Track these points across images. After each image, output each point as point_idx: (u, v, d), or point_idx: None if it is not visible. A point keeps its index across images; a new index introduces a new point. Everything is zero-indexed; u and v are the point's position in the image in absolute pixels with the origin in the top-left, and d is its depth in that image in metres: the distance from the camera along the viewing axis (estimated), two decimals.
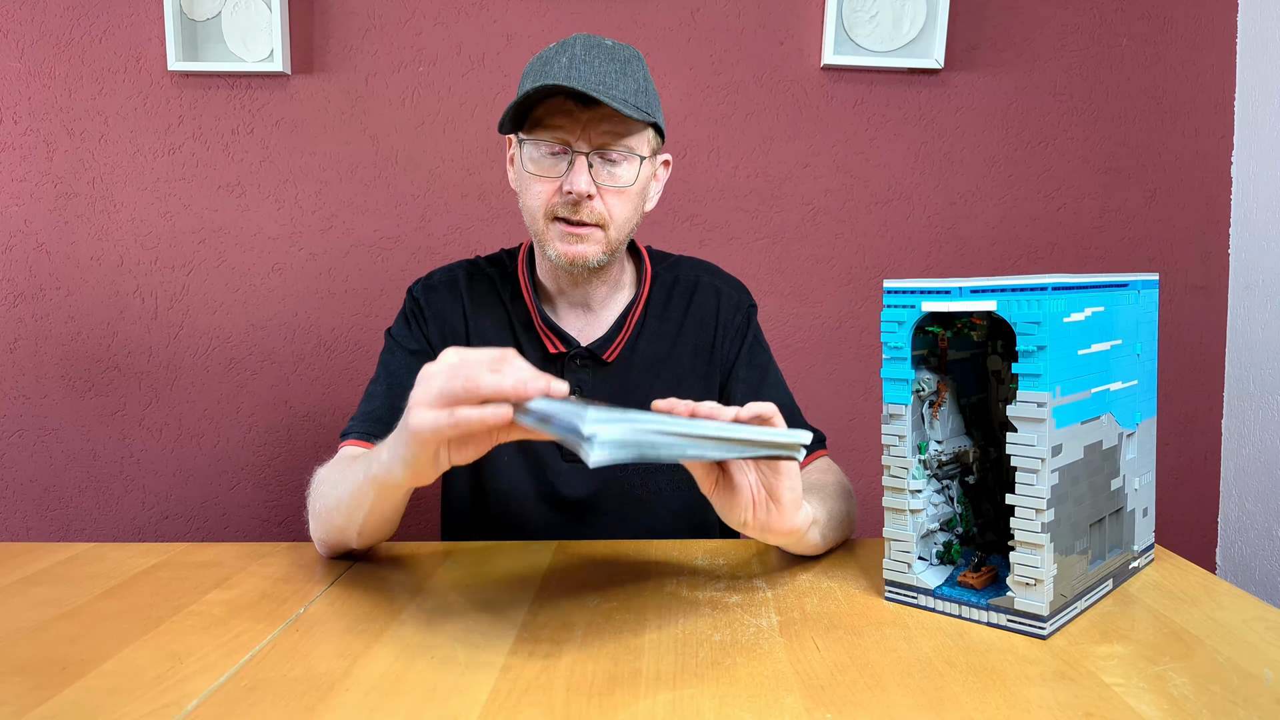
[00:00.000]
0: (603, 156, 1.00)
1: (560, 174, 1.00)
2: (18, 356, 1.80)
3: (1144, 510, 0.90)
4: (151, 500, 1.83)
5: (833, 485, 1.00)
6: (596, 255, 1.02)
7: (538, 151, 1.00)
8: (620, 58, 1.00)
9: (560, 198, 1.00)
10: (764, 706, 0.62)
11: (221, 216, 1.79)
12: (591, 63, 0.98)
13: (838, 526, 0.95)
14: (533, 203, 1.02)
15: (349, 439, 1.03)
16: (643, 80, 1.02)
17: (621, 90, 0.98)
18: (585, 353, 1.08)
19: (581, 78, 0.96)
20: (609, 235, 1.02)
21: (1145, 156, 1.85)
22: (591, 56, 0.98)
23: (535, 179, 1.01)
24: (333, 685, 0.66)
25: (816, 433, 1.11)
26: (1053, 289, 0.72)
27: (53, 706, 0.64)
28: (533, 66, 1.01)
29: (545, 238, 1.03)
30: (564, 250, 1.01)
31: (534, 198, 1.02)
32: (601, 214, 1.01)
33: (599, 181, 1.00)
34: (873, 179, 1.83)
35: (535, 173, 1.01)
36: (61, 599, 0.85)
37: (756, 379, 1.13)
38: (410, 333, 1.11)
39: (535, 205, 1.02)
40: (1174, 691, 0.64)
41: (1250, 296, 1.82)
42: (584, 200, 0.99)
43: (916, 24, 1.76)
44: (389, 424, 1.00)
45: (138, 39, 1.75)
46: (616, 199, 1.01)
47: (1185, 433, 1.89)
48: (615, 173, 1.01)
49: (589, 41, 1.00)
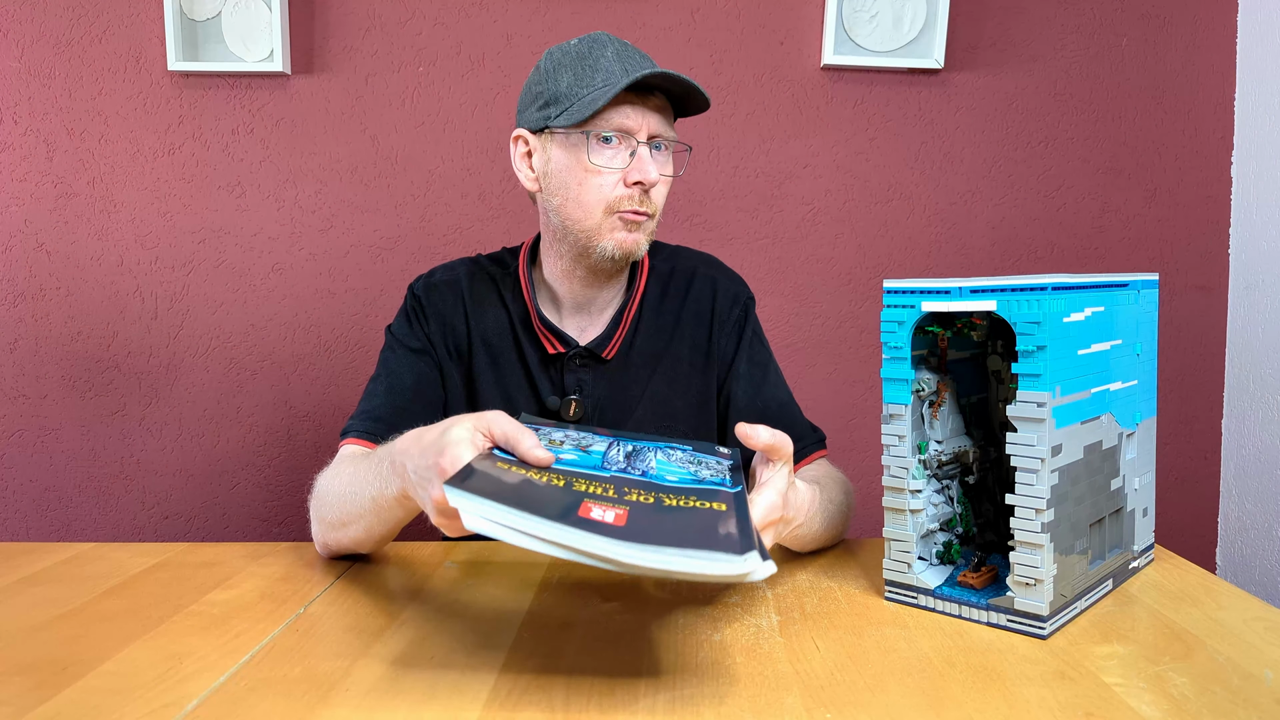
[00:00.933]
0: (657, 148, 1.01)
1: (622, 165, 0.99)
2: (18, 356, 1.80)
3: (1144, 510, 0.90)
4: (151, 500, 1.83)
5: (829, 477, 1.00)
6: (644, 244, 1.03)
7: (601, 145, 0.99)
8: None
9: (624, 189, 0.99)
10: (764, 706, 0.62)
11: (221, 216, 1.79)
12: (634, 56, 1.00)
13: (836, 514, 0.95)
14: (591, 197, 1.00)
15: (349, 437, 1.03)
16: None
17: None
18: (584, 352, 1.08)
19: (639, 67, 0.98)
20: (652, 225, 1.04)
21: (1145, 156, 1.85)
22: (630, 50, 1.00)
23: (596, 172, 0.99)
24: (333, 685, 0.66)
25: (816, 432, 1.11)
26: (1053, 289, 0.72)
27: (53, 706, 0.64)
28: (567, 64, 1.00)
29: (600, 232, 1.01)
30: (622, 240, 1.01)
31: (593, 191, 1.00)
32: (656, 203, 1.03)
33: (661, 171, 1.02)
34: (873, 179, 1.83)
35: (600, 165, 0.99)
36: (61, 599, 0.85)
37: (758, 377, 1.12)
38: (411, 330, 1.11)
39: (594, 200, 1.00)
40: (1174, 691, 0.64)
41: (1250, 296, 1.82)
42: (652, 188, 1.01)
43: (916, 24, 1.76)
44: (389, 423, 1.02)
45: (138, 39, 1.75)
46: (663, 188, 1.03)
47: (1185, 433, 1.89)
48: (668, 162, 1.03)
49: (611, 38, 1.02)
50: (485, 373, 1.10)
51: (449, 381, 1.10)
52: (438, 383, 1.09)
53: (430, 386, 1.08)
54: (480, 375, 1.10)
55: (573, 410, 1.07)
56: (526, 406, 1.09)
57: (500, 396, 1.09)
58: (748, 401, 1.10)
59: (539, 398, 1.09)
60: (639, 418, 1.09)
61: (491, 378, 1.10)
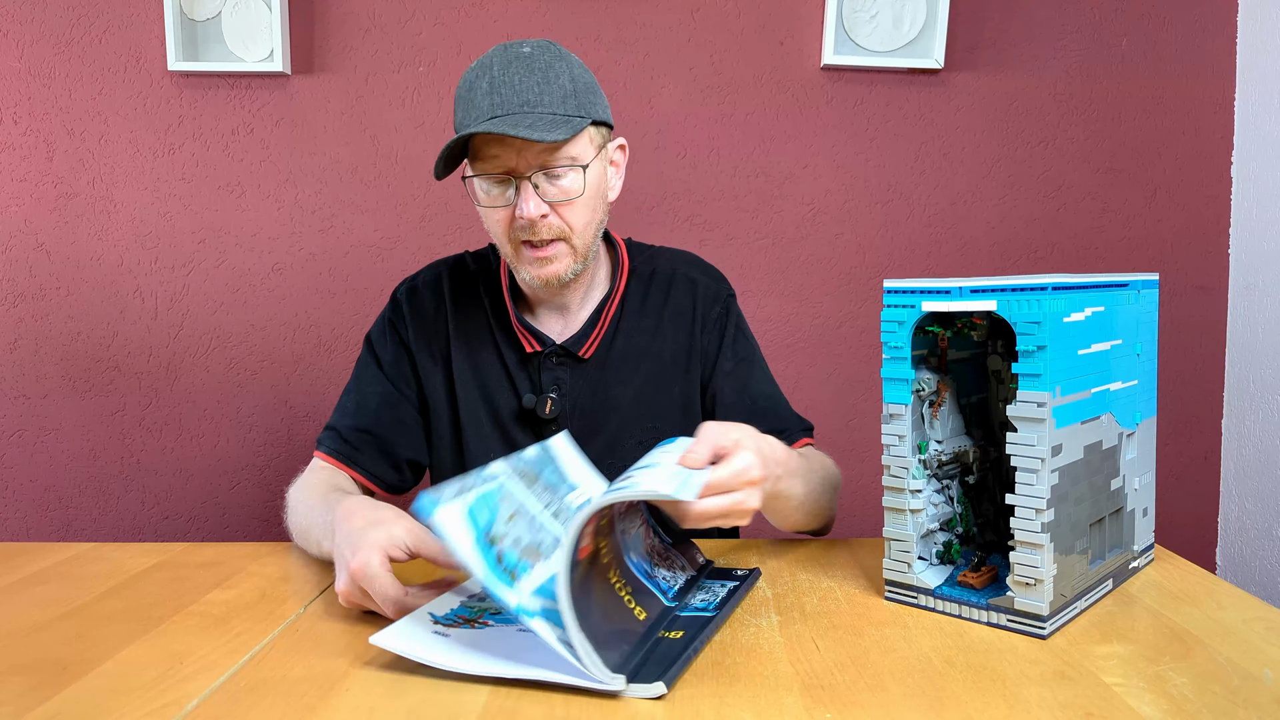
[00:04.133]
0: (547, 174, 0.98)
1: (510, 200, 0.99)
2: (18, 356, 1.80)
3: (1144, 510, 0.90)
4: (151, 500, 1.83)
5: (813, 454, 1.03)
6: (568, 268, 1.03)
7: (485, 183, 0.99)
8: (541, 65, 0.97)
9: (516, 223, 0.99)
10: (764, 706, 0.62)
11: (221, 216, 1.79)
12: (511, 81, 0.95)
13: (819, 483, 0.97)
14: (496, 230, 1.02)
15: (320, 451, 1.08)
16: (569, 81, 0.98)
17: (548, 102, 0.96)
18: (561, 350, 1.09)
19: (505, 104, 0.95)
20: (575, 245, 1.02)
21: (1145, 156, 1.85)
22: (510, 74, 0.96)
23: (491, 210, 1.01)
24: (333, 685, 0.66)
25: (803, 421, 1.12)
26: (1053, 289, 0.72)
27: (53, 706, 0.64)
28: (460, 95, 0.99)
29: (516, 262, 1.03)
30: (536, 273, 1.02)
31: (495, 226, 1.02)
32: (560, 228, 1.00)
33: (549, 200, 0.99)
34: (873, 179, 1.83)
35: (488, 204, 1.00)
36: (61, 599, 0.85)
37: (743, 373, 1.12)
38: (386, 340, 1.13)
39: (499, 233, 1.02)
40: (1174, 691, 0.64)
41: (1250, 296, 1.82)
42: (539, 221, 0.98)
43: (916, 24, 1.76)
44: (354, 445, 1.07)
45: (138, 39, 1.75)
46: (571, 209, 1.00)
47: (1185, 433, 1.89)
48: (563, 186, 0.99)
49: (506, 56, 0.97)
50: (465, 372, 1.11)
51: (429, 384, 1.11)
52: (403, 401, 1.11)
53: (393, 408, 1.10)
54: (460, 375, 1.10)
55: (549, 408, 1.07)
56: (505, 404, 1.10)
57: (479, 396, 1.10)
58: (735, 398, 1.11)
59: (517, 395, 1.09)
60: (622, 417, 1.10)
61: (471, 377, 1.10)
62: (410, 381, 1.12)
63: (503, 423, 1.10)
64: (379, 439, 1.09)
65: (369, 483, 1.08)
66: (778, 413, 1.11)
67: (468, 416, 1.10)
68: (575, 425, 1.08)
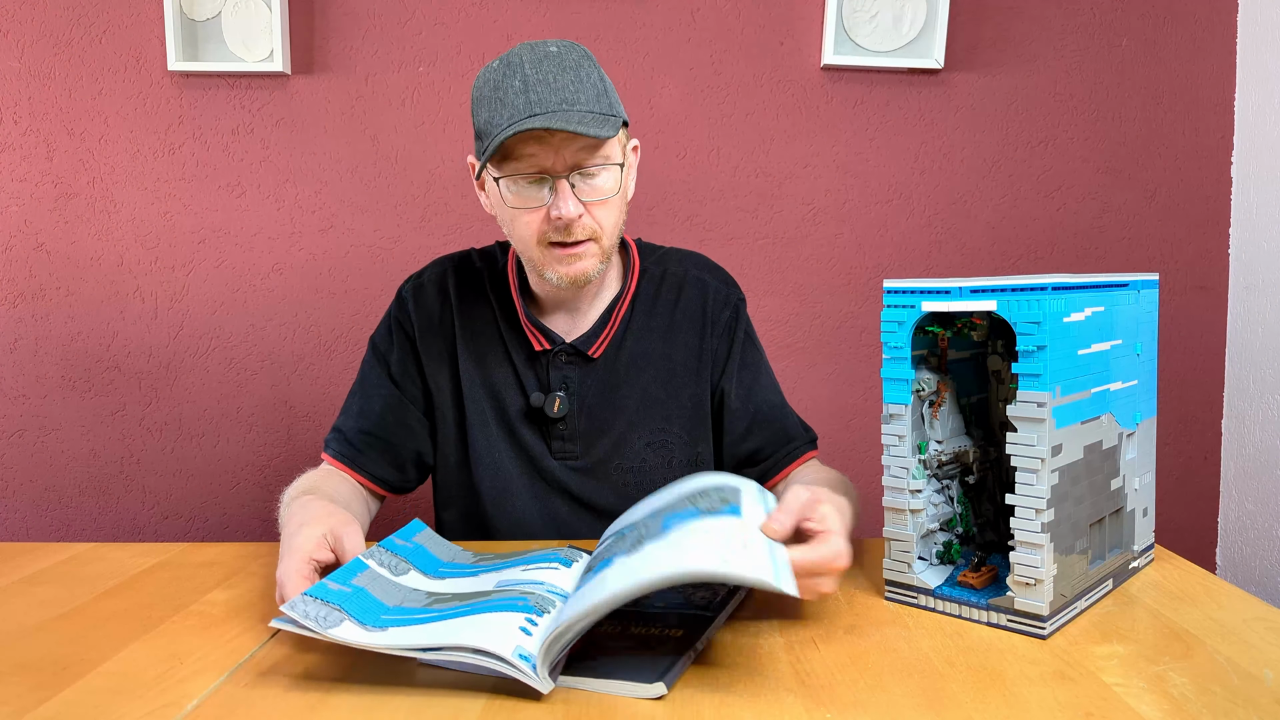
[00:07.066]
0: (582, 174, 0.97)
1: (544, 201, 0.97)
2: (18, 356, 1.80)
3: (1144, 510, 0.90)
4: (151, 500, 1.83)
5: (836, 481, 1.01)
6: (595, 268, 1.02)
7: (516, 184, 0.97)
8: (571, 63, 0.96)
9: (550, 224, 0.98)
10: (764, 706, 0.62)
11: (221, 216, 1.79)
12: (546, 80, 0.94)
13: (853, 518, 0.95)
14: (524, 233, 1.00)
15: (327, 454, 1.10)
16: (598, 79, 0.97)
17: (584, 100, 0.95)
18: (570, 349, 1.08)
19: (543, 101, 0.93)
20: (602, 245, 1.01)
21: (1145, 156, 1.85)
22: (544, 72, 0.94)
23: (521, 211, 0.99)
24: (333, 685, 0.66)
25: (808, 433, 1.12)
26: (1053, 289, 0.72)
27: (53, 706, 0.64)
28: (485, 96, 0.96)
29: (542, 263, 1.01)
30: (565, 272, 1.00)
31: (524, 228, 0.99)
32: (593, 228, 0.99)
33: (584, 199, 0.98)
34: (873, 179, 1.83)
35: (519, 205, 0.98)
36: (61, 599, 0.85)
37: (749, 380, 1.12)
38: (391, 342, 1.12)
39: (527, 235, 1.00)
40: (1174, 691, 0.64)
41: (1250, 296, 1.82)
42: (576, 221, 0.97)
43: (916, 24, 1.76)
44: (358, 447, 1.08)
45: (138, 39, 1.75)
46: (603, 209, 1.00)
47: (1185, 433, 1.89)
48: (598, 185, 0.98)
49: (535, 54, 0.96)
50: (471, 370, 1.10)
51: (434, 382, 1.11)
52: (408, 404, 1.11)
53: (397, 410, 1.10)
54: (466, 372, 1.10)
55: (556, 406, 1.07)
56: (512, 402, 1.09)
57: (486, 394, 1.10)
58: (740, 405, 1.11)
59: (524, 394, 1.09)
60: (629, 418, 1.09)
61: (477, 375, 1.10)
62: (415, 381, 1.11)
63: (509, 421, 1.09)
64: (383, 441, 1.09)
65: (373, 485, 1.09)
66: (783, 423, 1.11)
67: (474, 415, 1.10)
68: (582, 425, 1.08)
